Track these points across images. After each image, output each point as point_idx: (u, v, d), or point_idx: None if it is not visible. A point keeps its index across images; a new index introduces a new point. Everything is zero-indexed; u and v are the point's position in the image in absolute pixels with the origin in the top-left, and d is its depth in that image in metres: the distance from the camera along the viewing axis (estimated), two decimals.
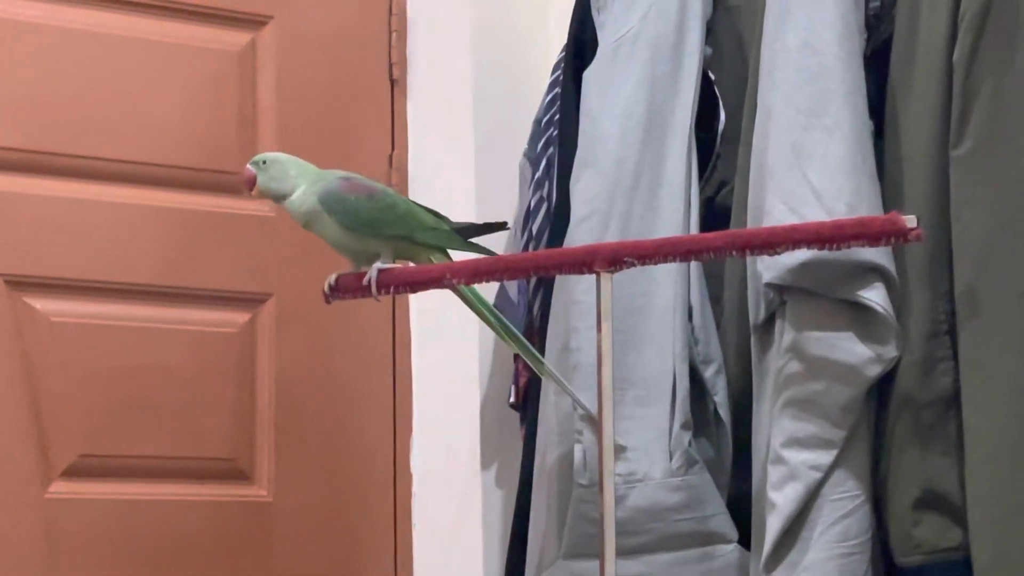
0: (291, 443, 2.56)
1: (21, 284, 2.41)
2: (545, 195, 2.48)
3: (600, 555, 1.90)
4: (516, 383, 2.52)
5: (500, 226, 2.14)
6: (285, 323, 2.58)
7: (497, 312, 2.14)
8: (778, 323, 2.07)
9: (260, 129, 2.62)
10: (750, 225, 2.10)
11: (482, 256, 2.07)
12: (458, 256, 2.11)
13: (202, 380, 2.51)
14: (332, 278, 2.09)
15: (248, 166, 2.11)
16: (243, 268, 2.56)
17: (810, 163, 2.04)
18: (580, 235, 2.24)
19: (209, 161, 2.57)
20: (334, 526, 2.59)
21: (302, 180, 2.09)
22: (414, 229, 2.08)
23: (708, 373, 2.20)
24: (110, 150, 2.50)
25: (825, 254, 1.96)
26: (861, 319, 2.01)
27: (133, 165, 2.51)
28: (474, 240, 2.11)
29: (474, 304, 2.09)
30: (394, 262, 2.08)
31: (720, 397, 2.19)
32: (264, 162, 2.10)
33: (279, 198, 2.10)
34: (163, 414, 2.48)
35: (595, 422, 1.98)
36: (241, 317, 2.56)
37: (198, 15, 2.60)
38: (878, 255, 1.99)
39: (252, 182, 2.09)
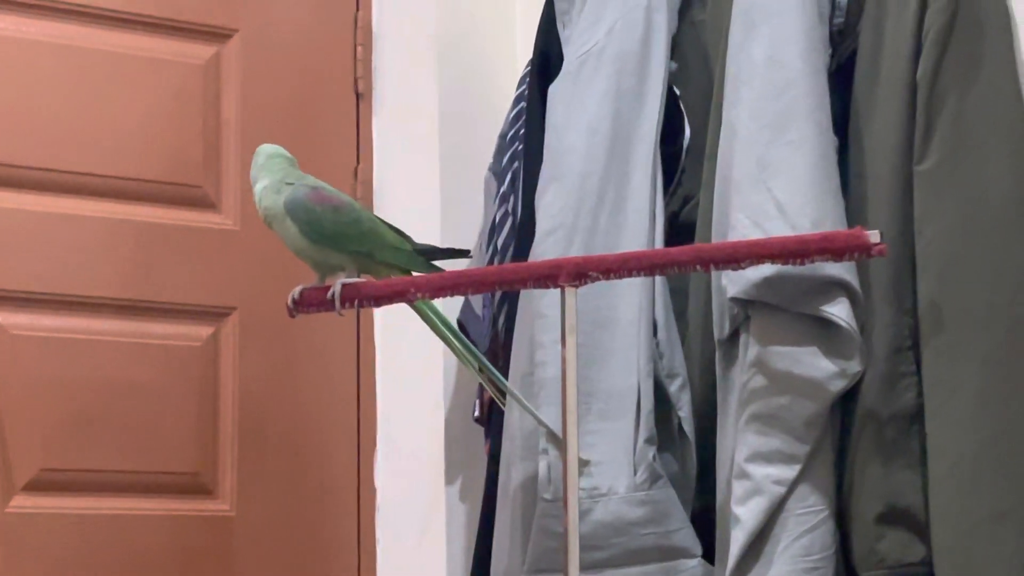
0: (254, 457, 2.55)
1: None
2: (510, 209, 2.48)
3: (564, 570, 1.90)
4: (480, 398, 2.51)
5: (463, 253, 2.14)
6: (249, 337, 2.57)
7: (459, 332, 2.12)
8: (742, 338, 2.07)
9: (224, 142, 2.61)
10: (715, 240, 2.10)
11: (447, 271, 2.06)
12: None
13: (165, 394, 2.50)
14: (296, 292, 2.07)
15: None
16: (207, 281, 2.56)
17: (775, 178, 2.04)
18: (545, 249, 2.24)
19: (173, 174, 2.56)
20: (297, 541, 2.58)
21: (264, 174, 2.08)
22: (375, 247, 2.07)
23: (672, 388, 2.20)
24: (73, 163, 2.49)
25: (789, 269, 1.96)
26: (825, 334, 2.01)
27: (97, 178, 2.50)
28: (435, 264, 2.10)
29: (436, 326, 2.08)
30: (359, 276, 2.07)
31: (684, 412, 2.19)
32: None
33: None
34: (125, 428, 2.46)
35: (559, 440, 1.98)
36: (204, 331, 2.55)
37: (163, 28, 2.59)
38: (842, 270, 1.99)
39: None
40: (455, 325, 2.26)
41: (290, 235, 2.06)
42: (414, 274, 2.09)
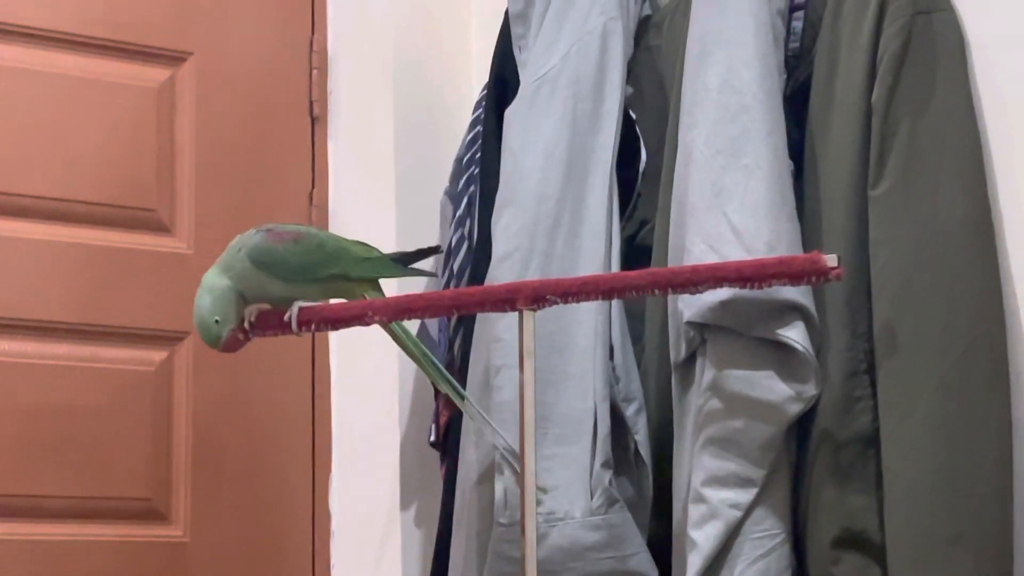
0: (208, 483, 2.54)
1: None
2: (466, 233, 2.48)
3: None
4: (436, 422, 2.50)
5: (434, 250, 2.10)
6: (203, 361, 2.56)
7: (424, 348, 2.11)
8: (699, 361, 2.07)
9: (178, 166, 2.60)
10: (671, 264, 2.11)
11: (404, 294, 2.04)
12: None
13: (118, 419, 2.48)
14: (251, 315, 2.05)
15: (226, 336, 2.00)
16: (160, 305, 2.54)
17: (730, 202, 2.05)
18: (501, 273, 2.23)
19: (127, 198, 2.55)
20: (252, 567, 2.57)
21: (228, 272, 2.00)
22: (347, 265, 2.03)
23: (629, 412, 2.20)
24: (26, 186, 2.48)
25: (745, 293, 1.96)
26: (781, 357, 2.02)
27: (50, 201, 2.49)
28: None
29: (401, 340, 2.06)
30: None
31: (641, 436, 2.19)
32: (217, 320, 1.98)
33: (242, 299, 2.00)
34: (78, 453, 2.45)
35: (516, 457, 1.97)
36: (158, 355, 2.54)
37: (117, 51, 2.58)
38: (798, 294, 1.99)
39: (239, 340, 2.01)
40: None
41: (269, 286, 2.00)
42: (385, 288, 2.06)
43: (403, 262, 2.07)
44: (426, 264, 2.09)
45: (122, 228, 2.54)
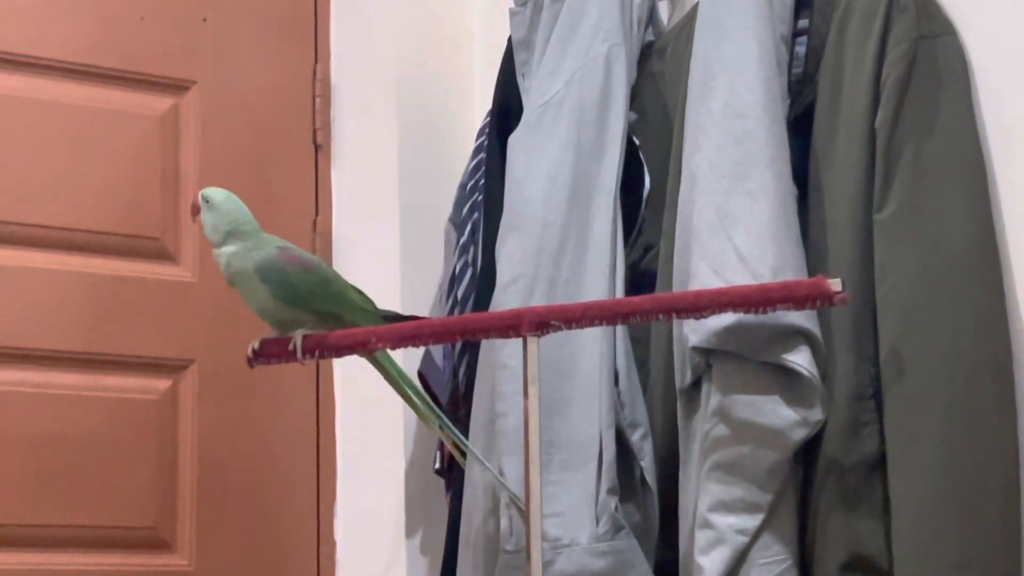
0: (213, 511, 2.53)
1: None
2: (470, 260, 2.48)
3: None
4: (441, 449, 2.50)
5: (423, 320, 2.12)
6: (207, 390, 2.56)
7: (419, 389, 2.11)
8: (704, 387, 2.07)
9: (183, 194, 2.61)
10: (676, 289, 2.10)
11: (408, 321, 2.05)
12: None
13: (123, 448, 2.48)
14: (256, 343, 2.06)
15: (200, 194, 2.05)
16: (165, 334, 2.54)
17: (735, 227, 2.05)
18: (506, 299, 2.23)
19: (131, 227, 2.55)
20: None
21: (233, 240, 2.03)
22: (344, 308, 2.05)
23: (634, 437, 2.19)
24: (30, 215, 2.48)
25: (751, 318, 1.96)
26: (787, 383, 2.01)
27: (54, 230, 2.50)
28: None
29: (397, 382, 2.07)
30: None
31: (646, 461, 2.19)
32: (208, 201, 2.04)
33: (211, 242, 2.05)
34: (83, 482, 2.45)
35: (521, 502, 1.96)
36: (163, 383, 2.54)
37: (121, 80, 2.59)
38: (803, 318, 1.99)
39: (196, 211, 2.05)
40: (415, 381, 2.24)
41: (259, 295, 2.02)
42: None
43: (392, 321, 2.08)
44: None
45: (127, 256, 2.55)
